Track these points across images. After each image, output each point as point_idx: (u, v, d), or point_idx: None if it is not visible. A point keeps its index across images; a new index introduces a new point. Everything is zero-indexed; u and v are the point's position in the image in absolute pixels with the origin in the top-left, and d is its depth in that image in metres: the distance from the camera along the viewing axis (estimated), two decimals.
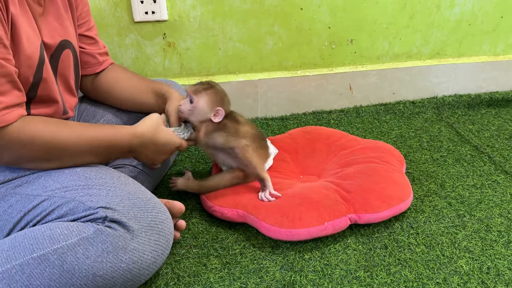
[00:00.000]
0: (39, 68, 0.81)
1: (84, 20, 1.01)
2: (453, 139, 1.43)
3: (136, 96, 1.10)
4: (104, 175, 0.82)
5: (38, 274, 0.69)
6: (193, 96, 1.01)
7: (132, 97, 1.10)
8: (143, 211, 0.78)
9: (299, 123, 1.56)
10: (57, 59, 0.90)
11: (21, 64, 0.77)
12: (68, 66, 0.94)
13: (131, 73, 1.12)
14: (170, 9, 1.39)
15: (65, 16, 0.93)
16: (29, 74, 0.80)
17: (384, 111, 1.64)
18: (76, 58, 0.98)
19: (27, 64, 0.78)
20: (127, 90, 1.09)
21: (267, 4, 1.44)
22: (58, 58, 0.90)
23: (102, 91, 1.09)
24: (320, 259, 0.93)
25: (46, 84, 0.84)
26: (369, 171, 1.09)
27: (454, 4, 1.57)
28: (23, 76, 0.78)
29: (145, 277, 0.78)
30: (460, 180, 1.20)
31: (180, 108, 1.02)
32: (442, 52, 1.67)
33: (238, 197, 1.05)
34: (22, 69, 0.77)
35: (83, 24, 1.01)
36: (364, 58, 1.62)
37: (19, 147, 0.76)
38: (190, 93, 1.02)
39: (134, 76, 1.11)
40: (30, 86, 0.81)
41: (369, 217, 0.99)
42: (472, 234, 1.00)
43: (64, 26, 0.92)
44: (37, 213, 0.76)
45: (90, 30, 1.04)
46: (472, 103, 1.68)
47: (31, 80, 0.81)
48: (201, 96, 1.01)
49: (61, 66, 0.92)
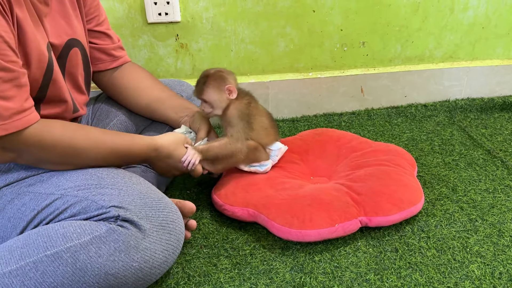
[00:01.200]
0: (48, 69, 0.82)
1: (93, 15, 1.01)
2: (465, 143, 1.42)
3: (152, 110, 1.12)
4: (116, 174, 0.83)
5: (51, 271, 0.70)
6: (201, 97, 1.04)
7: (149, 111, 1.12)
8: (155, 210, 0.79)
9: (310, 125, 1.56)
10: (65, 59, 0.91)
11: (30, 66, 0.78)
12: (76, 65, 0.95)
13: (148, 79, 1.12)
14: (183, 11, 1.40)
15: (73, 14, 0.93)
16: (39, 76, 0.80)
17: (396, 114, 1.63)
18: (86, 56, 0.98)
19: (36, 65, 0.79)
20: (146, 102, 1.11)
21: (279, 6, 1.45)
22: (65, 57, 0.91)
23: (118, 92, 1.10)
24: (330, 261, 0.93)
25: (55, 84, 0.85)
26: (380, 174, 1.08)
27: (467, 7, 1.56)
28: (32, 77, 0.79)
29: (156, 276, 0.79)
30: (472, 184, 1.19)
31: (204, 113, 1.06)
32: (455, 55, 1.66)
33: (249, 196, 1.05)
34: (32, 70, 0.78)
35: (92, 19, 1.01)
36: (376, 61, 1.61)
37: (38, 150, 0.77)
38: (197, 97, 1.05)
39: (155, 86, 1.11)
40: (40, 87, 0.82)
41: (380, 220, 0.99)
42: (484, 238, 0.99)
43: (72, 25, 0.92)
44: (50, 211, 0.77)
45: (100, 25, 1.03)
46: (485, 107, 1.67)
47: (41, 82, 0.82)
48: (207, 92, 1.03)
49: (69, 65, 0.92)
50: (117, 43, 1.09)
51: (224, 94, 1.04)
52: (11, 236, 0.78)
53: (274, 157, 1.18)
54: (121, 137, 0.90)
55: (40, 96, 0.83)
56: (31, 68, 0.78)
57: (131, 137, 0.92)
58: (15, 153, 0.77)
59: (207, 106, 1.05)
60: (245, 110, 1.07)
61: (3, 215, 0.79)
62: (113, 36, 1.08)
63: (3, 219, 0.79)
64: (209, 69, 1.06)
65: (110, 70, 1.08)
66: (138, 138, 0.93)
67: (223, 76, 1.04)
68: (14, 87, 0.72)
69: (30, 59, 0.77)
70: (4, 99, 0.70)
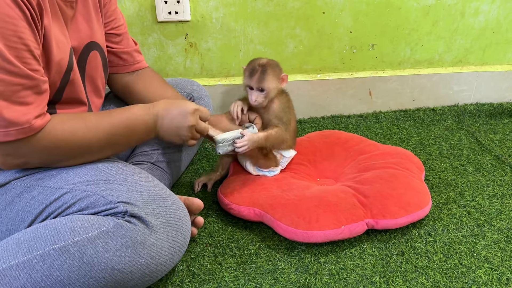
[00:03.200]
0: (66, 73, 0.83)
1: (111, 18, 1.03)
2: (473, 148, 1.41)
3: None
4: (125, 171, 0.83)
5: (58, 265, 0.71)
6: (261, 86, 1.03)
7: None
8: (162, 207, 0.79)
9: (317, 126, 1.56)
10: (85, 61, 0.92)
11: (50, 72, 0.79)
12: (96, 68, 0.95)
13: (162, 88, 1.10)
14: (193, 10, 1.41)
15: (95, 17, 0.94)
16: (57, 79, 0.82)
17: (404, 118, 1.62)
18: (105, 58, 0.99)
19: (56, 70, 0.80)
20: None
21: (289, 7, 1.45)
22: (85, 60, 0.92)
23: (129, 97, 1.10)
24: (336, 262, 0.93)
25: (72, 86, 0.86)
26: (388, 177, 1.08)
27: (478, 12, 1.55)
28: (51, 81, 0.80)
29: (161, 273, 0.79)
30: (480, 190, 1.18)
31: (255, 103, 1.03)
32: (464, 59, 1.65)
33: (255, 195, 1.05)
34: (51, 75, 0.79)
35: (109, 22, 1.02)
36: (385, 64, 1.61)
37: (45, 152, 0.78)
38: (257, 85, 1.03)
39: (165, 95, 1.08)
40: (57, 90, 0.83)
41: (387, 223, 0.98)
42: (492, 244, 0.98)
43: (93, 28, 0.93)
44: (59, 205, 0.77)
45: (117, 28, 1.04)
46: (494, 112, 1.66)
47: (58, 85, 0.83)
48: (267, 80, 1.03)
49: (89, 67, 0.93)
50: (133, 47, 1.09)
51: (279, 83, 1.05)
52: (19, 229, 0.79)
53: (284, 163, 1.17)
54: (118, 112, 0.86)
55: (56, 98, 0.84)
56: (51, 73, 0.79)
57: (126, 109, 0.88)
58: (24, 159, 0.78)
59: (261, 96, 1.04)
60: (289, 104, 1.10)
61: (12, 207, 0.79)
62: (130, 40, 1.09)
63: (11, 212, 0.79)
64: (257, 59, 1.06)
65: (124, 74, 1.08)
66: (133, 107, 0.88)
67: (279, 65, 1.06)
68: (34, 94, 0.73)
69: (51, 66, 0.79)
70: (23, 104, 0.72)
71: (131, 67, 1.08)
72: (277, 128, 1.07)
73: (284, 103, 1.09)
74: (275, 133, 1.06)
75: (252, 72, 1.03)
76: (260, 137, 1.02)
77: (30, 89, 0.72)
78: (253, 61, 1.06)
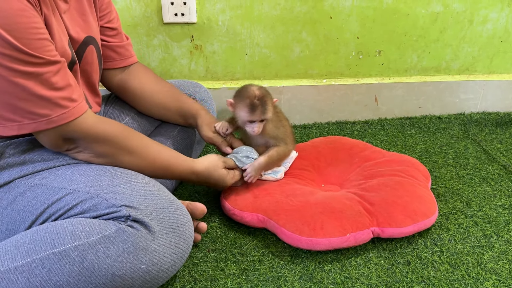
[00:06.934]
0: (70, 65, 0.82)
1: (105, 11, 1.01)
2: (480, 157, 1.39)
3: (162, 115, 1.13)
4: (129, 174, 0.82)
5: (57, 269, 0.69)
6: (265, 118, 1.02)
7: (159, 114, 1.13)
8: (166, 212, 0.77)
9: (322, 132, 1.54)
10: (81, 56, 0.91)
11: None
12: (92, 63, 0.94)
13: (158, 83, 1.11)
14: (199, 12, 1.40)
15: (89, 11, 0.93)
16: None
17: (409, 125, 1.61)
18: (100, 53, 0.98)
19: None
20: (154, 105, 1.11)
21: (296, 11, 1.44)
22: (81, 54, 0.91)
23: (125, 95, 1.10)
24: (341, 271, 0.91)
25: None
26: (394, 184, 1.06)
27: (487, 20, 1.54)
28: None
29: (163, 280, 0.77)
30: (487, 199, 1.16)
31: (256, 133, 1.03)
32: (472, 68, 1.64)
33: (258, 201, 1.03)
34: None
35: (104, 16, 1.01)
36: (392, 70, 1.60)
37: (92, 140, 0.81)
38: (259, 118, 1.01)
39: (162, 89, 1.11)
40: None
41: (393, 231, 0.96)
42: (499, 255, 0.96)
43: (88, 22, 0.92)
44: (60, 206, 0.76)
45: (111, 22, 1.03)
46: (500, 121, 1.64)
47: None
48: (270, 111, 1.02)
49: (84, 62, 0.92)
50: (127, 41, 1.08)
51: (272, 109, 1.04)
52: (19, 229, 0.77)
53: (287, 164, 1.16)
54: (167, 151, 0.93)
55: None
56: None
57: (176, 154, 0.94)
58: (75, 144, 0.82)
59: (261, 125, 1.03)
60: (278, 116, 1.10)
61: (13, 207, 0.78)
62: (122, 34, 1.07)
63: (13, 211, 0.78)
64: (248, 90, 1.02)
65: (118, 69, 1.07)
66: (180, 157, 0.95)
67: (269, 93, 1.04)
68: (63, 77, 0.76)
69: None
70: (58, 90, 0.75)
71: (125, 61, 1.07)
72: (277, 148, 1.08)
73: (275, 120, 1.08)
74: (277, 154, 1.08)
75: (252, 108, 1.00)
76: (261, 163, 1.06)
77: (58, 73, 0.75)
78: (245, 94, 1.01)
